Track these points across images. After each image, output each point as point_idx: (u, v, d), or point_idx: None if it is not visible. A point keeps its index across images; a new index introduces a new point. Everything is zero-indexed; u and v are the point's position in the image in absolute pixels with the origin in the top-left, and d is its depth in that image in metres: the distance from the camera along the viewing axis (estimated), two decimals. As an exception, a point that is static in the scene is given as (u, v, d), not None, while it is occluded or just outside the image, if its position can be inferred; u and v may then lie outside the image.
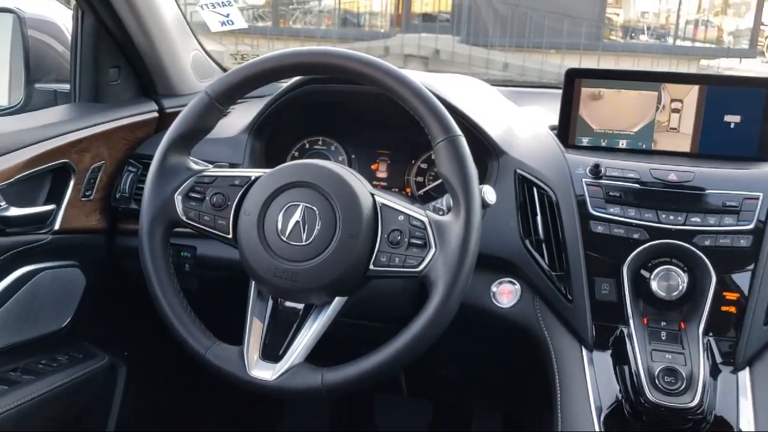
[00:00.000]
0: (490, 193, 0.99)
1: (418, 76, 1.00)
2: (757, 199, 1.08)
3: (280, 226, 0.97)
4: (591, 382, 1.03)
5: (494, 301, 1.18)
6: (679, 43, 13.97)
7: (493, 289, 1.18)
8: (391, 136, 1.40)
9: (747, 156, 1.18)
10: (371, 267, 0.95)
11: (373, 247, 0.95)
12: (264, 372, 0.96)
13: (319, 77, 1.29)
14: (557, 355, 1.09)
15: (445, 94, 1.16)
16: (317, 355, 0.98)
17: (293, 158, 1.45)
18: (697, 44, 14.09)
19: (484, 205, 0.97)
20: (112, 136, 1.39)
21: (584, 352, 1.07)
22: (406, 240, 0.94)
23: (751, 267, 1.05)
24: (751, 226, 1.06)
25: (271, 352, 0.98)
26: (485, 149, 1.22)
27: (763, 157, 1.18)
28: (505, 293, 1.18)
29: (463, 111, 1.20)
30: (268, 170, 1.02)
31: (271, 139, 1.41)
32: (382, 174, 1.42)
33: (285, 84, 1.35)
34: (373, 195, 0.98)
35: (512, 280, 1.18)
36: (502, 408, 1.89)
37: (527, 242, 1.15)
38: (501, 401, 1.89)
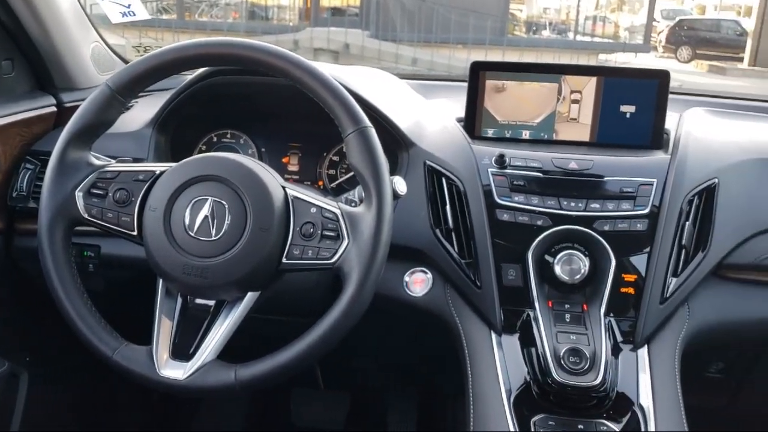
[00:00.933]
0: (400, 184, 1.00)
1: (326, 68, 0.99)
2: (652, 184, 1.14)
3: (187, 222, 0.94)
4: (500, 364, 1.06)
5: (407, 290, 1.19)
6: (579, 38, 14.55)
7: (406, 278, 1.20)
8: (302, 129, 1.40)
9: (641, 144, 1.24)
10: (284, 260, 0.95)
11: (286, 241, 0.95)
12: (174, 371, 0.94)
13: (226, 69, 1.27)
14: (468, 340, 1.11)
15: (355, 86, 1.16)
16: (232, 352, 0.97)
17: (200, 152, 1.42)
18: (596, 39, 14.72)
19: (395, 196, 0.98)
20: (6, 132, 1.32)
21: (493, 336, 1.10)
22: (319, 232, 0.94)
23: (648, 250, 1.11)
24: (646, 211, 1.12)
25: (182, 350, 0.96)
26: (395, 141, 1.23)
27: (656, 145, 1.24)
28: (418, 282, 1.19)
29: (373, 103, 1.21)
30: (173, 164, 1.00)
31: (177, 133, 1.37)
32: (293, 167, 1.41)
33: (190, 76, 1.32)
34: (284, 187, 0.97)
35: (424, 269, 1.20)
36: (417, 394, 1.92)
37: (437, 231, 1.17)
38: (416, 388, 1.92)
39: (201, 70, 1.29)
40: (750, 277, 1.17)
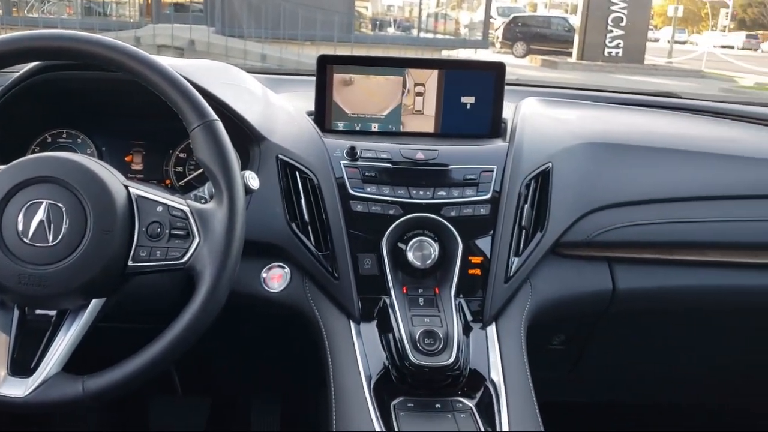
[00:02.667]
0: (252, 179, 0.99)
1: (168, 62, 0.96)
2: (492, 171, 1.20)
3: (21, 228, 0.88)
4: (360, 353, 1.08)
5: (265, 286, 1.18)
6: (422, 35, 15.00)
7: (263, 274, 1.18)
8: (145, 126, 1.34)
9: (482, 133, 1.31)
10: (130, 263, 0.91)
11: (131, 242, 0.91)
12: (15, 389, 0.88)
13: (59, 64, 1.19)
14: (327, 332, 1.12)
15: (199, 79, 1.13)
16: (81, 364, 0.91)
17: (33, 153, 1.32)
18: (439, 36, 15.24)
19: (248, 190, 0.97)
20: None
21: (352, 325, 1.11)
22: (167, 231, 0.91)
23: (491, 232, 1.16)
24: (488, 196, 1.18)
25: (22, 366, 0.90)
26: (245, 135, 1.22)
27: (495, 133, 1.31)
28: (275, 277, 1.19)
29: (219, 96, 1.18)
30: (2, 167, 0.92)
31: (7, 133, 1.27)
32: (137, 166, 1.36)
33: (18, 72, 1.22)
34: (126, 186, 0.93)
35: (281, 264, 1.19)
36: (281, 393, 1.91)
37: (293, 225, 1.17)
38: (279, 386, 1.91)
39: (32, 64, 1.20)
40: (584, 254, 1.27)
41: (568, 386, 1.65)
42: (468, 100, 1.30)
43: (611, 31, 15.81)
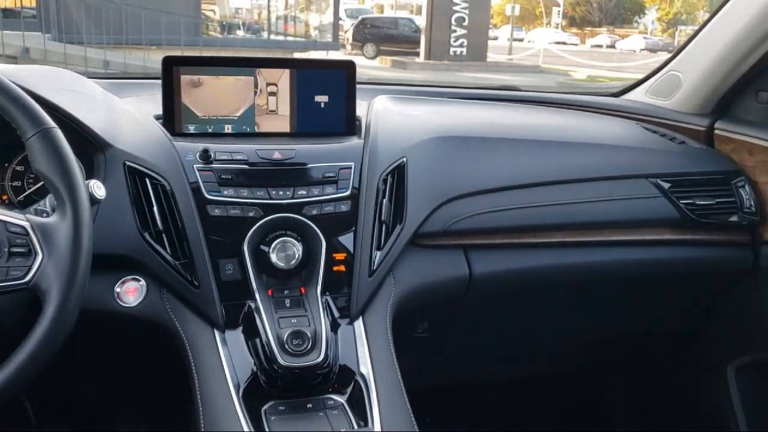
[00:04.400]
0: (98, 188, 0.94)
1: None
2: (350, 168, 1.21)
3: None
4: (226, 361, 1.05)
5: (119, 301, 1.12)
6: (273, 37, 14.88)
7: (117, 288, 1.12)
8: None
9: (337, 131, 1.32)
10: None
11: None
12: None
13: None
14: (190, 343, 1.08)
15: (32, 84, 1.05)
16: None
17: None
18: (290, 38, 15.19)
19: (93, 200, 0.92)
20: None
21: (216, 333, 1.08)
22: (6, 250, 0.85)
23: (353, 228, 1.18)
24: (348, 193, 1.19)
25: None
26: (88, 142, 1.15)
27: (351, 131, 1.32)
28: (130, 291, 1.13)
29: (55, 102, 1.11)
30: None
31: None
32: (-33, 183, 1.24)
33: None
34: None
35: (136, 276, 1.14)
36: (147, 410, 1.82)
37: (146, 235, 1.12)
38: (146, 404, 1.82)
39: None
40: (441, 243, 1.31)
41: (436, 372, 1.71)
42: (321, 99, 1.30)
43: (455, 31, 16.48)
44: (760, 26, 1.46)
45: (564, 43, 28.35)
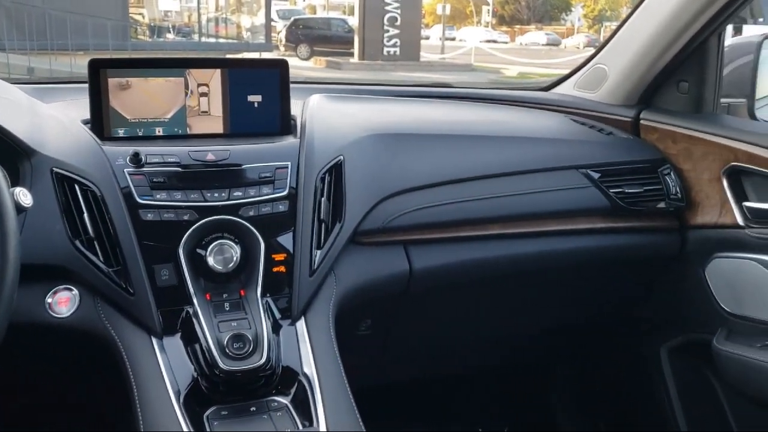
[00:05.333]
0: (24, 196, 0.91)
1: None
2: (287, 167, 1.20)
3: None
4: (165, 368, 1.03)
5: (51, 312, 1.08)
6: (204, 39, 14.66)
7: (48, 299, 1.09)
8: None
9: (272, 131, 1.30)
10: None
11: None
12: None
13: None
14: (127, 351, 1.06)
15: None
16: None
17: None
18: (221, 40, 14.99)
19: (20, 209, 0.89)
20: None
21: (154, 341, 1.06)
22: None
23: (292, 228, 1.17)
24: (285, 193, 1.18)
25: None
26: (11, 149, 1.10)
27: (286, 131, 1.31)
28: (63, 302, 1.09)
29: None
30: None
31: None
32: None
33: None
34: None
35: (68, 286, 1.10)
36: (86, 425, 1.77)
37: (77, 243, 1.09)
38: (84, 420, 1.77)
39: None
40: (381, 240, 1.32)
41: (381, 369, 1.71)
42: (255, 98, 1.29)
43: (387, 31, 16.56)
44: (677, 19, 1.52)
45: (495, 42, 28.88)
